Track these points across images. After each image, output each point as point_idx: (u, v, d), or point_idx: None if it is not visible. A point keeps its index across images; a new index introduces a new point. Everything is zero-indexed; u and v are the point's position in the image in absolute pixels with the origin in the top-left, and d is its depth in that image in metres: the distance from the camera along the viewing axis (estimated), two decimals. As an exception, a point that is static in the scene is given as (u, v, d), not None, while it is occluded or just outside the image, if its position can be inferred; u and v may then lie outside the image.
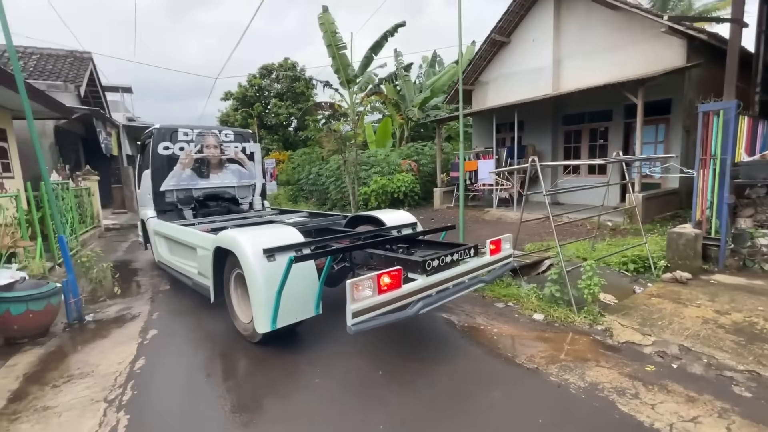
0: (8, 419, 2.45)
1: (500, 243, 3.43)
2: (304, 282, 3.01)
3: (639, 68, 8.68)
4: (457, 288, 3.06)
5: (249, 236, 3.13)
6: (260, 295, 2.90)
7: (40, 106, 7.63)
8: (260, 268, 2.94)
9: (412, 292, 2.64)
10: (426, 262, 2.81)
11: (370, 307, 2.38)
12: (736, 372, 2.67)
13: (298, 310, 3.01)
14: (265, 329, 2.90)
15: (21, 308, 3.49)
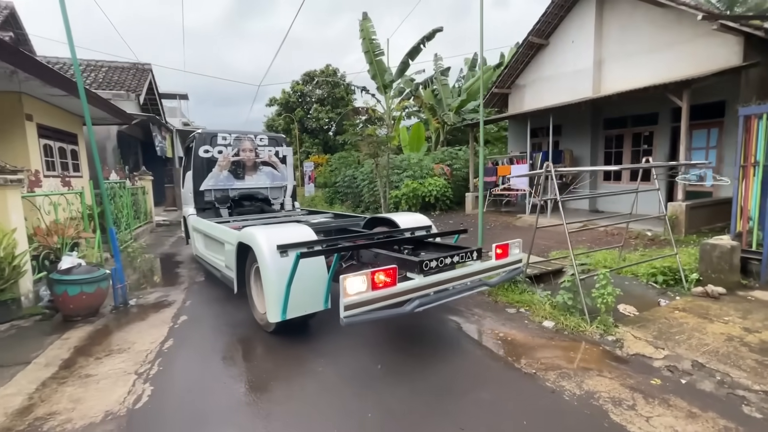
0: (58, 382, 2.86)
1: (508, 248, 3.41)
2: (313, 277, 3.17)
3: (688, 68, 8.13)
4: (457, 289, 3.12)
5: (265, 233, 3.37)
6: (272, 288, 3.11)
7: (105, 113, 8.56)
8: (273, 262, 3.15)
9: (407, 291, 2.72)
10: (423, 263, 2.89)
11: (363, 302, 2.49)
12: (750, 392, 2.52)
13: (308, 304, 3.19)
14: (275, 319, 3.11)
15: (76, 290, 4.01)
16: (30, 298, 4.37)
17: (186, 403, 2.59)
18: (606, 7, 9.99)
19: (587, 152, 10.75)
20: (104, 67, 12.76)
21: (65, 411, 2.50)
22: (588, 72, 10.30)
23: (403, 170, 13.48)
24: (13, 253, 4.05)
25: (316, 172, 20.69)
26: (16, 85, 6.28)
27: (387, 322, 3.80)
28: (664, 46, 8.80)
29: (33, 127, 7.23)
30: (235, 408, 2.52)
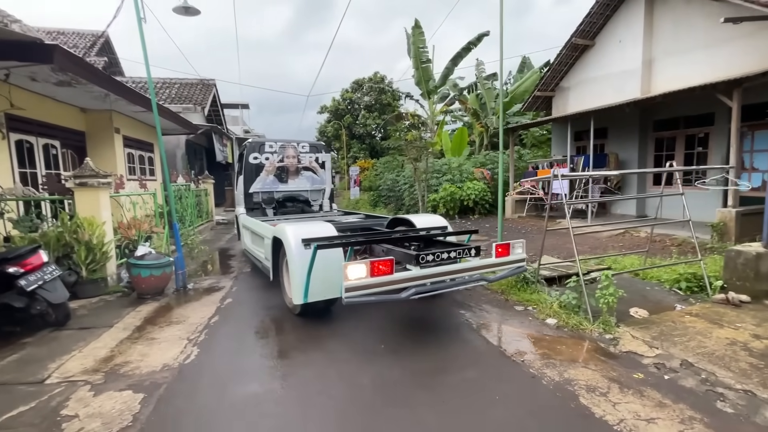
0: (131, 341, 3.64)
1: (509, 247, 3.65)
2: (331, 267, 3.51)
3: (749, 64, 7.56)
4: (455, 282, 3.45)
5: (293, 229, 3.90)
6: (297, 274, 3.61)
7: (175, 124, 9.88)
8: (298, 253, 3.65)
9: (403, 279, 3.07)
10: (420, 256, 3.26)
11: (362, 286, 2.86)
12: (730, 390, 2.59)
13: (326, 291, 3.61)
14: (299, 301, 3.59)
15: (147, 273, 4.90)
16: (113, 278, 5.37)
17: (222, 363, 3.21)
18: (657, 4, 9.56)
19: (635, 156, 10.27)
20: (176, 84, 14.56)
21: (135, 361, 3.24)
22: (636, 72, 9.89)
23: (443, 174, 13.71)
24: (102, 241, 5.05)
25: (362, 176, 21.52)
26: (108, 105, 7.59)
27: (398, 312, 4.22)
28: (721, 41, 8.26)
29: (120, 138, 8.62)
30: (260, 368, 3.09)
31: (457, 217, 12.37)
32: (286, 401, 2.63)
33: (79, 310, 4.49)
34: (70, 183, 5.10)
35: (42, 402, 2.66)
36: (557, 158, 11.78)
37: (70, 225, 4.84)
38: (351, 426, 2.36)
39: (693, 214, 8.59)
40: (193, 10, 5.23)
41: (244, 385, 2.85)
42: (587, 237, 8.43)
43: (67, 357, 3.33)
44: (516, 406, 2.53)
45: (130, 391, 2.78)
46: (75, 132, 7.89)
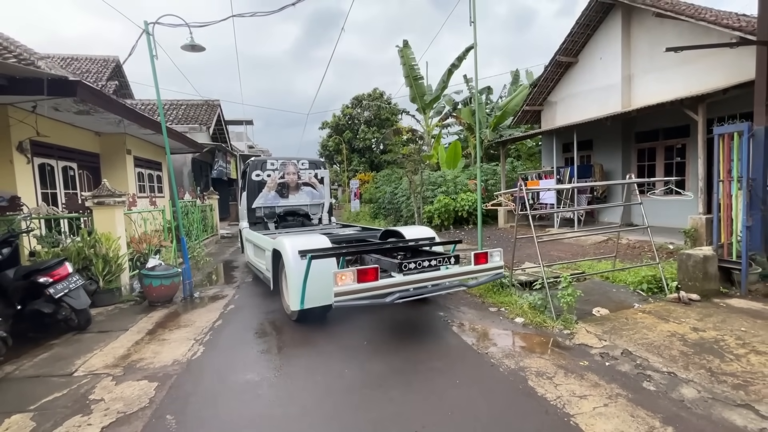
0: (145, 342, 4.13)
1: (487, 255, 3.96)
2: (325, 276, 3.66)
3: (719, 80, 8.09)
4: (436, 287, 3.78)
5: (291, 241, 4.29)
6: (293, 282, 4.01)
7: (181, 144, 10.51)
8: (294, 263, 4.03)
9: (387, 285, 3.39)
10: (402, 264, 3.62)
11: (350, 291, 3.20)
12: (657, 372, 3.01)
13: (320, 298, 3.93)
14: (296, 307, 3.97)
15: (158, 282, 5.41)
16: (127, 288, 5.89)
17: (225, 358, 3.68)
18: (633, 24, 10.15)
19: (619, 166, 10.75)
20: (183, 105, 15.34)
21: (149, 357, 3.72)
22: (617, 87, 10.45)
23: (438, 186, 14.22)
24: (117, 255, 5.58)
25: (362, 189, 22.11)
26: (121, 129, 8.23)
27: (383, 315, 4.67)
28: (692, 59, 8.80)
29: (131, 159, 9.25)
30: (257, 362, 3.56)
31: (452, 228, 12.84)
32: (278, 385, 3.10)
33: (97, 316, 4.99)
34: (89, 202, 5.66)
35: (72, 390, 3.14)
36: (546, 170, 12.27)
37: (89, 240, 5.38)
38: (330, 400, 2.82)
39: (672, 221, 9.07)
40: (198, 48, 5.84)
41: (243, 374, 3.32)
42: (571, 244, 8.85)
43: (90, 355, 3.82)
44: (471, 388, 2.97)
45: (146, 380, 3.26)
46: (90, 154, 8.52)
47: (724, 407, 2.53)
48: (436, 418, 2.59)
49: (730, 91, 7.11)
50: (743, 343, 3.35)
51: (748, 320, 3.82)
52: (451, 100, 18.66)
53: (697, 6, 9.69)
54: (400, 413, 2.65)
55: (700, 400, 2.62)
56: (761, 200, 4.60)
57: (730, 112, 7.91)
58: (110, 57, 15.90)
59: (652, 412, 2.53)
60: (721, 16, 8.22)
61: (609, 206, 9.89)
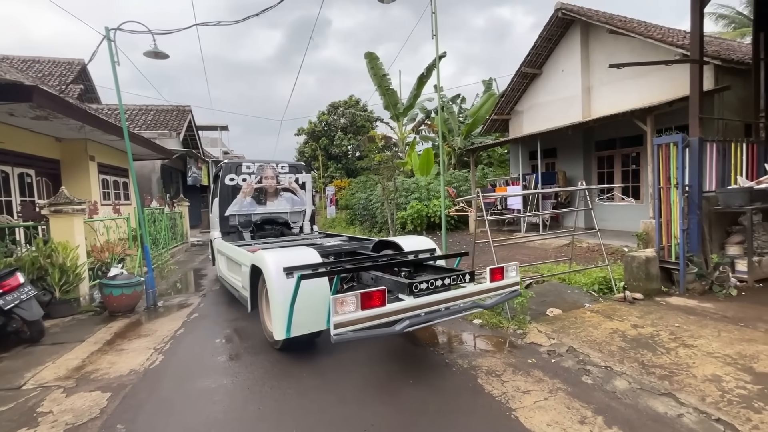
0: (102, 352, 4.05)
1: (503, 270, 3.43)
2: (316, 298, 3.31)
3: (667, 93, 8.65)
4: (450, 311, 3.19)
5: (273, 256, 3.59)
6: (278, 307, 3.31)
7: (149, 150, 10.31)
8: (279, 283, 3.36)
9: (396, 311, 2.80)
10: (413, 285, 3.03)
11: (352, 321, 2.61)
12: (596, 367, 3.23)
13: (311, 323, 3.35)
14: (281, 336, 3.31)
15: (118, 292, 5.30)
16: (86, 299, 5.72)
17: (183, 366, 3.67)
18: (591, 39, 10.73)
19: (580, 173, 11.26)
20: (152, 110, 15.01)
21: (104, 368, 3.66)
22: (577, 98, 10.98)
23: (411, 192, 14.45)
24: (76, 264, 5.43)
25: (338, 195, 22.13)
26: (83, 135, 8.02)
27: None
28: (645, 73, 9.38)
29: (95, 165, 9.00)
30: (214, 370, 3.57)
31: (424, 233, 13.05)
32: (234, 392, 3.12)
33: (52, 328, 4.84)
34: (46, 210, 5.50)
35: (19, 403, 3.07)
36: (513, 176, 12.70)
37: (44, 249, 5.22)
38: (280, 402, 2.87)
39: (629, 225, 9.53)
40: (162, 55, 5.81)
41: (200, 381, 3.32)
42: (536, 248, 9.21)
43: (41, 368, 3.72)
44: (423, 386, 3.09)
45: (98, 391, 3.21)
46: (50, 161, 8.24)
47: (650, 396, 2.75)
48: (388, 414, 2.70)
49: (676, 104, 7.62)
50: (675, 337, 3.63)
51: (682, 317, 4.12)
52: (424, 107, 19.04)
53: (647, 24, 10.38)
54: (353, 414, 2.74)
55: (630, 391, 2.84)
56: (697, 205, 4.98)
57: (677, 123, 8.46)
58: (75, 60, 15.40)
59: (587, 404, 2.72)
60: (668, 34, 8.84)
61: (565, 211, 10.34)
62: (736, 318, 4.00)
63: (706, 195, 5.20)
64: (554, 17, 10.77)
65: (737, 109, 8.07)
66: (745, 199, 4.98)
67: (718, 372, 2.97)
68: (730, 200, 5.09)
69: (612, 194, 9.35)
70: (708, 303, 4.50)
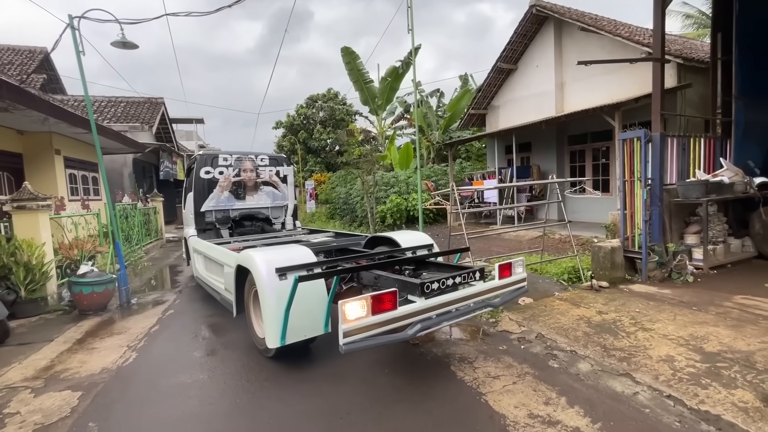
0: (72, 352, 3.96)
1: (511, 267, 3.32)
2: (313, 301, 3.10)
3: (635, 89, 8.98)
4: (460, 312, 3.01)
5: (264, 256, 3.28)
6: (271, 312, 3.03)
7: (120, 144, 9.96)
8: (272, 286, 3.07)
9: (408, 314, 2.63)
10: (425, 285, 2.82)
11: (363, 327, 2.41)
12: (562, 352, 3.40)
13: (307, 328, 3.11)
14: (274, 344, 3.04)
15: (89, 290, 5.16)
16: (54, 298, 5.54)
17: (158, 363, 3.63)
18: (564, 36, 11.00)
19: (554, 166, 11.59)
20: (122, 102, 14.46)
21: (75, 367, 3.58)
22: (551, 93, 11.27)
23: (391, 186, 14.52)
24: (42, 262, 5.24)
25: (318, 190, 21.99)
26: (47, 127, 7.68)
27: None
28: (615, 70, 9.70)
29: (60, 159, 8.63)
30: (190, 366, 3.55)
31: (404, 227, 13.17)
32: (210, 387, 3.13)
33: (18, 328, 4.68)
34: (8, 206, 5.27)
35: (-16, 405, 2.98)
36: (490, 170, 12.95)
37: (7, 247, 5.01)
38: (256, 395, 2.90)
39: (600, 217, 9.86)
40: (130, 45, 5.61)
41: (175, 377, 3.31)
42: (511, 240, 9.47)
43: (6, 369, 3.61)
44: (399, 375, 3.18)
45: (69, 390, 3.15)
46: (11, 154, 7.86)
47: (610, 377, 2.93)
48: (363, 403, 2.77)
49: (642, 100, 7.95)
50: (635, 322, 3.85)
51: (643, 302, 4.37)
52: (404, 101, 19.08)
53: (617, 22, 10.72)
54: (328, 404, 2.80)
55: (592, 373, 3.01)
56: (658, 197, 5.25)
57: (643, 119, 8.82)
58: (37, 48, 14.61)
59: (552, 386, 2.87)
60: (635, 33, 9.17)
61: (538, 204, 10.67)
62: (691, 303, 4.28)
63: (667, 188, 5.49)
64: (529, 13, 10.97)
65: (698, 106, 8.49)
66: (702, 192, 5.29)
67: (671, 353, 3.18)
68: (688, 192, 5.39)
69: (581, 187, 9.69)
70: (667, 289, 4.78)
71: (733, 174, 5.72)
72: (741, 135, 6.35)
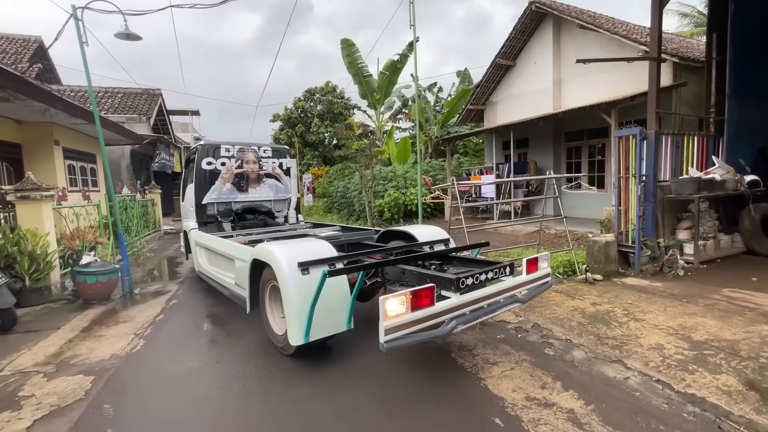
0: (79, 339, 4.04)
1: (537, 261, 3.31)
2: (336, 296, 3.05)
3: (631, 87, 9.10)
4: (492, 307, 2.96)
5: (284, 249, 3.21)
6: (294, 308, 2.96)
7: (118, 135, 9.95)
8: (295, 281, 3.00)
9: (445, 310, 2.60)
10: (460, 280, 2.76)
11: (403, 324, 2.37)
12: (557, 340, 3.54)
13: (331, 325, 3.05)
14: (298, 342, 2.96)
15: (93, 279, 5.23)
16: (57, 287, 5.60)
17: (165, 350, 3.73)
18: (563, 33, 11.09)
19: (551, 163, 11.73)
20: (120, 93, 14.36)
21: (84, 353, 3.67)
22: (549, 90, 11.37)
23: (389, 181, 14.61)
24: (46, 252, 5.30)
25: (315, 183, 22.03)
26: (48, 118, 7.66)
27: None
28: (612, 67, 9.80)
29: (60, 150, 8.62)
30: (197, 352, 3.65)
31: (402, 221, 13.29)
32: (219, 371, 3.24)
33: (24, 316, 4.75)
34: (12, 196, 5.30)
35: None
36: (487, 166, 13.08)
37: (12, 237, 5.06)
38: (264, 379, 3.02)
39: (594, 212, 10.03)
40: (134, 36, 5.62)
41: (184, 363, 3.41)
42: (508, 234, 9.62)
43: (17, 354, 3.69)
44: (401, 362, 3.30)
45: (81, 375, 3.25)
46: (10, 144, 7.85)
47: (603, 364, 3.07)
48: (369, 388, 2.89)
49: (638, 98, 8.08)
50: (627, 313, 4.00)
51: (635, 295, 4.53)
52: (402, 95, 19.10)
53: (615, 20, 10.82)
54: (334, 389, 2.92)
55: (586, 360, 3.16)
56: (652, 194, 5.40)
57: (639, 116, 8.96)
58: (31, 37, 14.45)
59: (548, 372, 3.01)
60: (632, 31, 9.28)
61: (535, 199, 10.82)
62: (681, 295, 4.44)
63: (660, 184, 5.64)
64: (528, 10, 11.04)
65: (693, 105, 8.63)
66: (694, 188, 5.44)
67: (661, 341, 3.34)
68: (680, 189, 5.54)
69: (578, 183, 9.85)
70: (658, 282, 4.94)
71: (725, 172, 5.88)
72: (733, 134, 6.51)
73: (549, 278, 3.42)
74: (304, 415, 2.58)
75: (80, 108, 7.55)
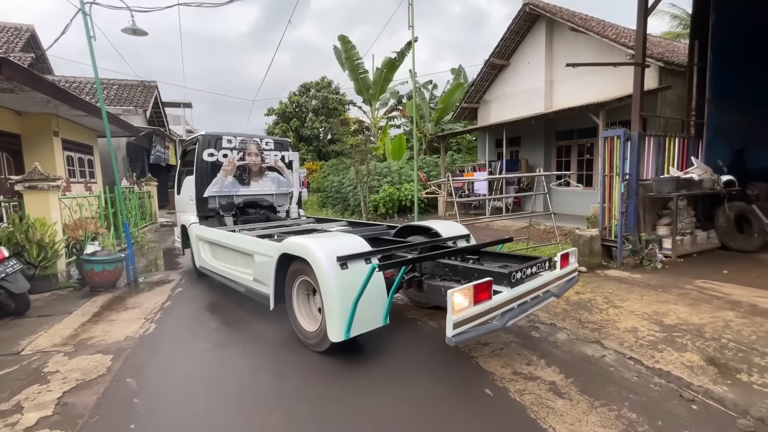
0: (93, 323, 4.24)
1: (569, 257, 3.38)
2: (375, 291, 3.00)
3: (619, 89, 9.45)
4: (534, 302, 3.00)
5: (322, 244, 3.14)
6: (335, 304, 2.90)
7: (116, 127, 10.03)
8: (335, 276, 2.93)
9: (501, 304, 2.65)
10: (512, 274, 2.81)
11: (468, 318, 2.40)
12: (543, 324, 3.85)
13: (370, 320, 3.00)
14: (338, 338, 2.89)
15: (100, 267, 5.41)
16: (63, 275, 5.77)
17: (176, 332, 3.96)
18: (555, 35, 11.40)
19: (541, 161, 12.09)
20: (115, 85, 14.32)
21: (100, 336, 3.88)
22: (541, 90, 11.69)
23: (384, 176, 14.85)
24: (54, 240, 5.45)
25: (310, 178, 22.16)
26: (48, 109, 7.74)
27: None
28: (601, 69, 10.13)
29: (59, 141, 8.70)
30: (208, 334, 3.89)
31: (396, 216, 13.56)
32: (231, 351, 3.48)
33: (34, 302, 4.91)
34: (19, 186, 5.44)
35: (23, 366, 3.27)
36: (480, 163, 13.39)
37: (21, 225, 5.21)
38: (274, 358, 3.27)
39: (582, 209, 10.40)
40: (140, 32, 5.75)
41: (196, 344, 3.65)
42: (499, 229, 9.95)
43: (34, 336, 3.89)
44: (400, 345, 3.58)
45: (100, 354, 3.47)
46: (9, 135, 7.91)
47: (583, 344, 3.39)
48: (369, 360, 3.17)
49: (624, 100, 8.42)
50: (607, 300, 4.34)
51: (616, 285, 4.87)
52: (396, 92, 19.30)
53: (605, 23, 11.16)
54: (340, 369, 3.19)
55: (568, 341, 3.47)
56: (635, 191, 5.74)
57: (625, 118, 9.30)
58: (23, 26, 14.30)
59: (533, 351, 3.32)
60: (621, 35, 9.62)
61: (525, 195, 11.19)
62: (657, 285, 4.79)
63: (642, 183, 5.98)
64: (522, 11, 11.32)
65: (677, 107, 9.02)
66: (673, 187, 5.79)
67: (636, 325, 3.67)
68: (661, 187, 5.89)
69: (566, 181, 10.20)
70: (638, 274, 5.30)
71: (703, 172, 6.26)
72: (712, 136, 6.89)
73: (576, 273, 3.52)
74: (313, 391, 2.85)
75: (82, 100, 7.66)
